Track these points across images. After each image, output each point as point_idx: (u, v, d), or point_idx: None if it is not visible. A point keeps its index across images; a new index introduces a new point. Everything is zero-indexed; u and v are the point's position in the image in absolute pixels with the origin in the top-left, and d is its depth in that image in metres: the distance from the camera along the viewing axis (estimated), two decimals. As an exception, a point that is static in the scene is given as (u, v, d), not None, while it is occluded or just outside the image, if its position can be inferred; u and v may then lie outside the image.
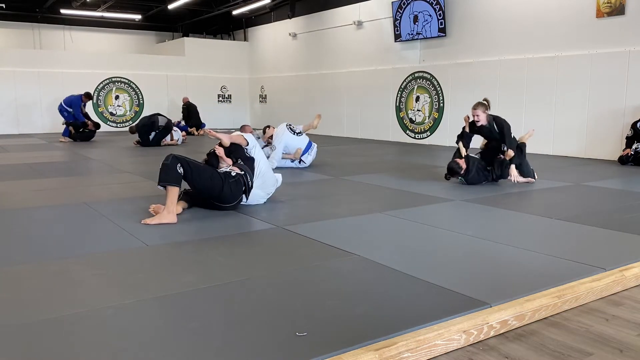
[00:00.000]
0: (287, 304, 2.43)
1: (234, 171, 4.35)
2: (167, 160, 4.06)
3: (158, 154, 9.30)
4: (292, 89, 14.89)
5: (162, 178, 4.03)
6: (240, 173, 4.37)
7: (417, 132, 11.39)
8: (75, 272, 2.89)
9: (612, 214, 4.39)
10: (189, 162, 4.12)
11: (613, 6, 7.91)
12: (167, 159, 4.08)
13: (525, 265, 3.00)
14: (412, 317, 2.24)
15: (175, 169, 4.02)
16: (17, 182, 5.98)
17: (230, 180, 4.27)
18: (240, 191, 4.35)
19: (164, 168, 4.04)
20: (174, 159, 4.06)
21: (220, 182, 4.21)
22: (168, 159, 4.08)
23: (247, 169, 4.48)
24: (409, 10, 10.96)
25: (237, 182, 4.31)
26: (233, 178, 4.29)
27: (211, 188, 4.22)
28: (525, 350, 2.10)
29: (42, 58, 14.39)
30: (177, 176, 4.03)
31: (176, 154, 4.18)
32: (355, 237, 3.64)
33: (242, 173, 4.39)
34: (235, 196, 4.32)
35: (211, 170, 4.29)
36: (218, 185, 4.20)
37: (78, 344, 2.03)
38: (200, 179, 4.16)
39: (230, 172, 4.33)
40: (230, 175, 4.30)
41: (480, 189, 5.50)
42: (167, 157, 4.11)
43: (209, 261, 3.11)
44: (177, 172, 4.03)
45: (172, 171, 4.02)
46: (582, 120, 8.45)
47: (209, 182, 4.19)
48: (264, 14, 15.70)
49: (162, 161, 4.10)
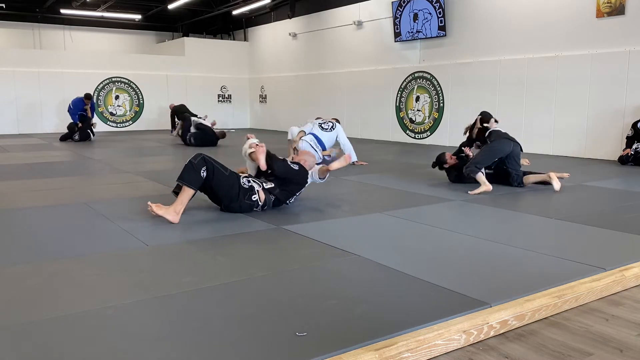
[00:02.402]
0: (287, 304, 2.43)
1: (258, 193, 4.23)
2: (194, 159, 3.97)
3: (159, 153, 9.31)
4: (292, 89, 14.89)
5: (184, 177, 3.95)
6: (261, 199, 4.25)
7: (417, 132, 11.39)
8: (75, 272, 2.89)
9: (612, 214, 4.39)
10: (215, 167, 4.02)
11: (613, 6, 7.91)
12: (195, 158, 3.98)
13: (525, 265, 3.00)
14: (412, 317, 2.24)
15: (199, 172, 3.94)
16: (17, 182, 5.98)
17: (246, 199, 4.19)
18: (250, 210, 4.28)
19: (189, 167, 3.96)
20: (201, 161, 3.96)
21: (235, 196, 4.15)
22: (196, 158, 3.98)
23: (280, 193, 4.36)
24: (409, 8, 10.96)
25: (251, 205, 4.24)
26: (251, 200, 4.20)
27: (224, 196, 4.18)
28: (525, 350, 2.10)
29: (42, 58, 14.39)
30: (198, 179, 3.95)
31: (206, 155, 4.07)
32: (355, 237, 3.64)
33: (264, 198, 4.27)
34: (241, 211, 4.27)
35: (234, 180, 4.17)
36: (232, 198, 4.16)
37: (78, 344, 2.03)
38: (219, 186, 4.10)
39: (253, 190, 4.21)
40: (252, 196, 4.20)
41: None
42: (197, 156, 4.01)
43: (209, 261, 3.11)
44: (200, 176, 3.95)
45: (195, 173, 3.93)
46: (582, 120, 8.45)
47: (225, 191, 4.13)
48: (264, 14, 15.70)
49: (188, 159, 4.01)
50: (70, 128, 11.64)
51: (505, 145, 5.52)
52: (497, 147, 5.53)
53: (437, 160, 5.93)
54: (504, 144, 5.53)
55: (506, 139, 5.59)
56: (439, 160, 5.90)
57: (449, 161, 5.81)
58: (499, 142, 5.55)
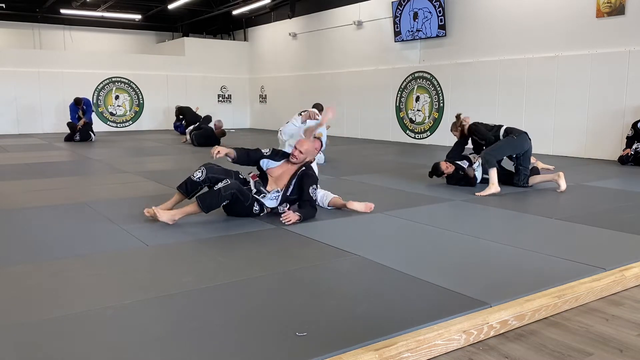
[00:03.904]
0: (287, 304, 2.43)
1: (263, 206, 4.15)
2: (225, 191, 3.85)
3: (159, 153, 9.30)
4: (292, 89, 14.89)
5: (205, 200, 3.83)
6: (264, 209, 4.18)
7: (417, 132, 11.39)
8: (75, 272, 2.89)
9: (612, 214, 4.39)
10: (238, 199, 3.93)
11: (613, 6, 7.91)
12: (226, 190, 3.85)
13: (525, 265, 3.00)
14: (412, 317, 2.24)
15: (220, 202, 3.89)
16: (17, 182, 5.98)
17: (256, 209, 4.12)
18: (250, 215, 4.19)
19: (216, 195, 3.85)
20: (229, 195, 3.86)
21: (249, 211, 4.09)
22: (227, 190, 3.85)
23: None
24: (409, 7, 10.96)
25: (252, 212, 4.14)
26: (254, 209, 4.11)
27: (237, 212, 4.12)
28: (525, 350, 2.10)
29: (42, 58, 14.39)
30: (214, 206, 3.88)
31: (237, 189, 3.91)
32: (355, 237, 3.64)
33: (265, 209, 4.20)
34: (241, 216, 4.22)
35: (250, 204, 4.06)
36: (245, 212, 4.11)
37: (78, 344, 2.03)
38: (232, 209, 4.07)
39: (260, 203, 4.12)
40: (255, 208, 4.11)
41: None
42: (228, 187, 3.86)
43: (209, 261, 3.11)
44: (217, 204, 3.90)
45: (216, 201, 3.86)
46: (582, 120, 8.45)
47: (237, 212, 4.09)
48: (264, 14, 15.70)
49: (221, 186, 3.88)
50: (71, 126, 11.65)
51: (525, 142, 5.51)
52: (518, 142, 5.47)
53: (433, 169, 5.84)
54: (524, 140, 5.50)
55: (525, 134, 5.55)
56: (435, 170, 5.81)
57: (446, 171, 5.73)
58: (521, 138, 5.48)
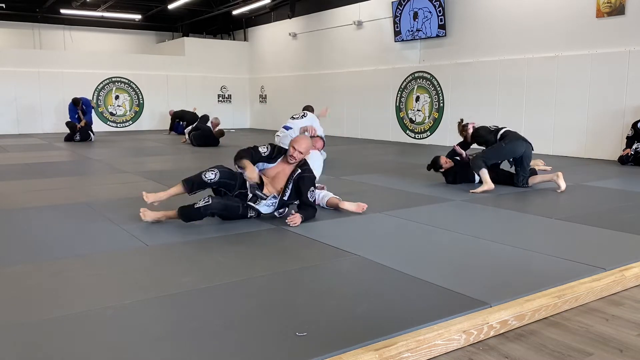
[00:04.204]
0: (287, 304, 2.43)
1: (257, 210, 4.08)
2: (204, 211, 3.82)
3: (159, 153, 9.30)
4: (292, 89, 14.89)
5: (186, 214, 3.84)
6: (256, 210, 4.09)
7: (417, 132, 11.39)
8: (75, 272, 2.89)
9: (612, 214, 4.39)
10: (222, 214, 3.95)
11: (613, 6, 7.91)
12: (206, 210, 3.82)
13: (525, 265, 3.00)
14: (412, 317, 2.24)
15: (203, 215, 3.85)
16: (17, 182, 5.98)
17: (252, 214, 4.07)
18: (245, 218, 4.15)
19: (196, 211, 3.82)
20: (212, 214, 3.89)
21: (244, 217, 4.05)
22: (207, 210, 3.82)
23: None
24: (409, 7, 10.96)
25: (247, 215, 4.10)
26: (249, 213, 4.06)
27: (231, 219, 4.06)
28: (525, 350, 2.10)
29: (42, 58, 14.39)
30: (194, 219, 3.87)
31: (222, 205, 3.88)
32: (355, 237, 3.64)
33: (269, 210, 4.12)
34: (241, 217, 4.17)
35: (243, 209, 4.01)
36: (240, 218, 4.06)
37: (78, 344, 2.03)
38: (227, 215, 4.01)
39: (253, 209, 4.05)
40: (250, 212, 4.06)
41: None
42: (208, 208, 3.82)
43: (209, 261, 3.11)
44: (198, 218, 3.86)
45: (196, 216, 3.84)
46: (582, 120, 8.45)
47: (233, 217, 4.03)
48: (263, 14, 15.70)
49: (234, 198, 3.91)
50: (70, 126, 11.65)
51: (518, 147, 5.48)
52: (508, 149, 5.50)
53: (432, 163, 5.92)
54: (516, 146, 5.48)
55: (520, 140, 5.54)
56: (434, 163, 5.89)
57: (445, 165, 5.80)
58: (512, 144, 5.49)
